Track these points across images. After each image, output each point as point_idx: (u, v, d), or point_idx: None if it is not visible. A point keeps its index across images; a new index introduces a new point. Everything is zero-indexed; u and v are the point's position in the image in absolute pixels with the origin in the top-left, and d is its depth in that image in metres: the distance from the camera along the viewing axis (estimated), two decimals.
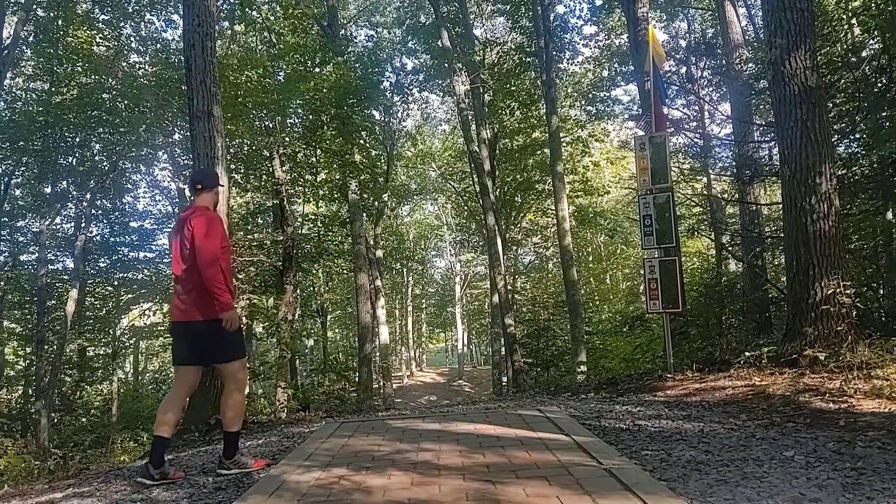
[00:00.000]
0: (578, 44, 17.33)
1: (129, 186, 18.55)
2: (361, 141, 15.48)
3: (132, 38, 15.30)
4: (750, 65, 9.66)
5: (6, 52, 13.46)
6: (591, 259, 27.72)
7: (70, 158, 16.35)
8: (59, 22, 13.85)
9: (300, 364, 18.21)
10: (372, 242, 18.06)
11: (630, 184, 18.24)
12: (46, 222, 15.55)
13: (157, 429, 3.42)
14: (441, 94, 20.60)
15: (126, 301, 18.99)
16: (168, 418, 3.45)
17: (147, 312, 18.42)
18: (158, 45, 15.22)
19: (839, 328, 4.89)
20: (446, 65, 15.13)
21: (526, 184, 19.13)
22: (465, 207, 24.65)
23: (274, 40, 14.22)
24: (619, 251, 26.73)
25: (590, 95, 18.30)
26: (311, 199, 16.57)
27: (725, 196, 12.16)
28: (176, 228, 3.63)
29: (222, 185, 4.90)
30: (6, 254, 17.08)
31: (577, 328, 12.95)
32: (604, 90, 18.15)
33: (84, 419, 15.22)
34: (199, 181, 3.74)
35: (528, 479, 2.78)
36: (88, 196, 16.14)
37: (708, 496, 2.40)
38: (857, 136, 7.67)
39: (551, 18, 15.15)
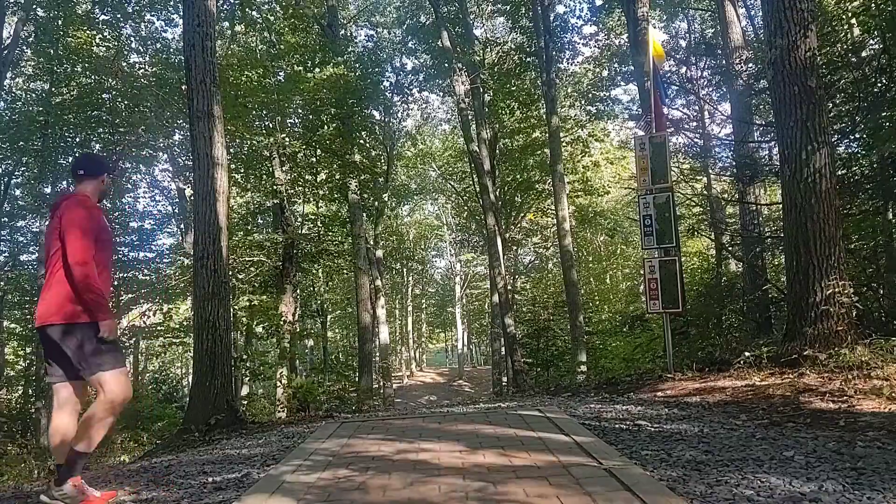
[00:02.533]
0: (578, 44, 17.33)
1: (129, 186, 18.53)
2: (361, 141, 15.51)
3: (132, 38, 15.31)
4: (750, 65, 9.65)
5: (6, 52, 13.48)
6: (591, 259, 27.70)
7: (70, 158, 16.34)
8: (59, 22, 13.85)
9: (300, 364, 18.21)
10: (372, 242, 18.06)
11: (630, 184, 18.23)
12: (46, 222, 15.54)
13: (56, 459, 2.99)
14: (441, 94, 20.63)
15: (126, 301, 18.98)
16: (60, 446, 2.97)
17: (147, 313, 18.41)
18: (158, 45, 15.24)
19: (839, 328, 4.89)
20: (446, 65, 15.14)
21: (526, 184, 19.15)
22: (465, 207, 24.66)
23: (274, 40, 14.24)
24: (619, 251, 26.73)
25: (590, 95, 18.30)
26: (311, 199, 16.59)
27: (725, 196, 12.16)
28: (49, 215, 3.15)
29: (112, 174, 4.16)
30: (6, 254, 17.07)
31: (577, 328, 12.95)
32: (604, 90, 18.16)
33: None
34: (81, 167, 3.25)
35: (528, 479, 2.77)
36: None
37: (708, 496, 2.40)
38: (857, 136, 7.67)
39: (551, 18, 15.16)
